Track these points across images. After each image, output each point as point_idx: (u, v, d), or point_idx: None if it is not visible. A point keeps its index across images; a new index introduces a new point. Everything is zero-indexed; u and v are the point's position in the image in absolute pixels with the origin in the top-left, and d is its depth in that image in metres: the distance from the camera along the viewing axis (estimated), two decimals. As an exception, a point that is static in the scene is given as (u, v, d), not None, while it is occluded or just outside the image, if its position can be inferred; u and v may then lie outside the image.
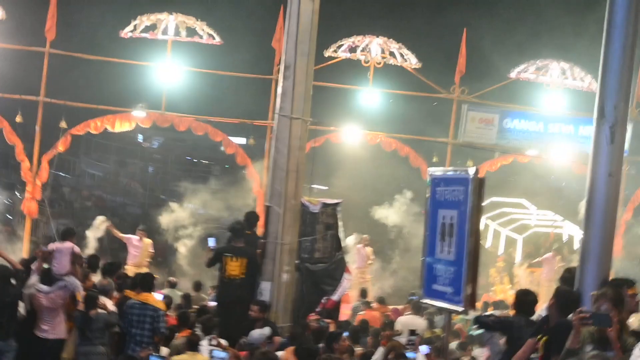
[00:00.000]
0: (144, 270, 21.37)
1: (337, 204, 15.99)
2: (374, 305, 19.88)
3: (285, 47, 14.91)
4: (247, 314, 13.81)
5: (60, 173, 32.49)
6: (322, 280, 15.74)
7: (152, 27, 24.97)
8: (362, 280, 24.42)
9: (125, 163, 53.13)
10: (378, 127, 27.02)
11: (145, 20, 25.00)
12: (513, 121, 27.02)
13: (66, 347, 13.44)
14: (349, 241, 23.46)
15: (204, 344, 12.36)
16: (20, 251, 23.49)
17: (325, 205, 15.72)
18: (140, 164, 53.43)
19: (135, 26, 24.92)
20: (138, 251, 22.91)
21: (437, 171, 10.45)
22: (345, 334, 13.39)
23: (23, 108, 24.15)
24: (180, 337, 12.99)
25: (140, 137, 53.58)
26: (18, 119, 24.03)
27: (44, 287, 13.26)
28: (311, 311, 14.93)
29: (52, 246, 15.15)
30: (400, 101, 28.72)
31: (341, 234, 16.07)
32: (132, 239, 23.02)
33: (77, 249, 15.44)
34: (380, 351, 12.54)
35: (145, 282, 13.83)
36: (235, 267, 14.87)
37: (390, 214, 26.64)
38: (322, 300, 15.43)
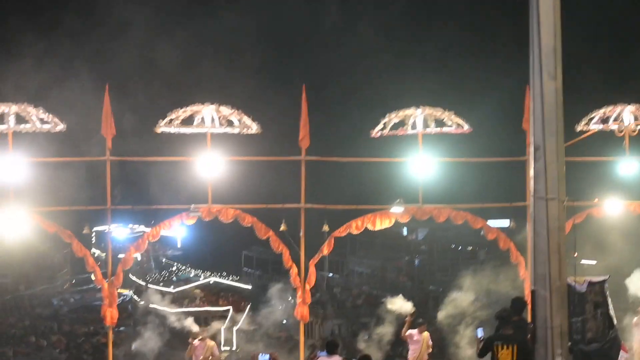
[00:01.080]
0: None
1: (604, 281, 15.61)
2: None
3: (532, 129, 14.79)
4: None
5: (329, 274, 33.29)
6: (599, 361, 15.34)
7: (400, 124, 25.33)
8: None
9: (391, 258, 53.83)
10: (640, 197, 26.24)
11: (394, 118, 25.40)
12: None
13: None
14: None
15: None
16: (298, 358, 24.20)
17: (591, 283, 15.37)
18: (407, 256, 53.99)
19: (384, 124, 25.37)
20: (417, 345, 23.13)
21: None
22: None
23: (286, 217, 25.05)
24: None
25: (404, 231, 54.29)
26: (282, 227, 24.92)
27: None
28: (591, 393, 14.52)
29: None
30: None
31: (612, 311, 15.63)
32: (413, 334, 23.28)
33: None
34: None
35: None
36: (506, 355, 14.70)
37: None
38: (601, 382, 15.04)
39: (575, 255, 16.14)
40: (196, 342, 24.07)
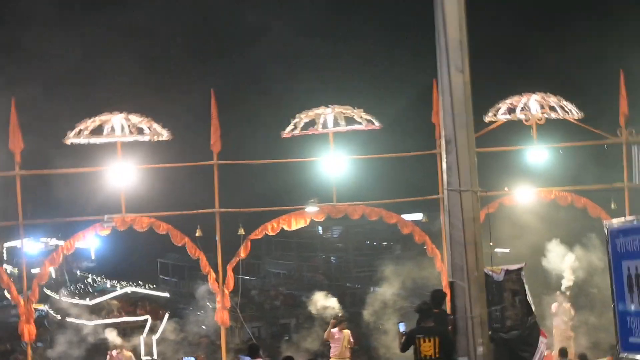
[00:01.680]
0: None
1: (520, 268, 15.81)
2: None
3: (442, 122, 14.91)
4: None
5: (246, 277, 33.22)
6: (519, 347, 15.53)
7: (311, 123, 25.38)
8: (562, 338, 24.04)
9: (306, 257, 53.86)
10: (549, 183, 26.69)
11: (304, 118, 25.44)
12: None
13: None
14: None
15: None
16: (220, 361, 24.12)
17: (508, 272, 15.57)
18: (322, 255, 54.08)
19: (295, 125, 25.41)
20: (339, 343, 23.20)
21: (614, 223, 10.27)
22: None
23: (201, 222, 24.94)
24: None
25: (319, 229, 54.38)
26: (198, 233, 24.79)
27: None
28: (513, 380, 14.74)
29: None
30: (567, 153, 28.29)
31: (529, 298, 15.86)
32: (334, 333, 23.33)
33: None
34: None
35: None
36: (428, 347, 14.82)
37: (577, 267, 26.14)
38: (522, 367, 15.26)
39: (491, 244, 16.34)
40: (114, 353, 23.75)
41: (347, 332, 23.53)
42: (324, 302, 26.17)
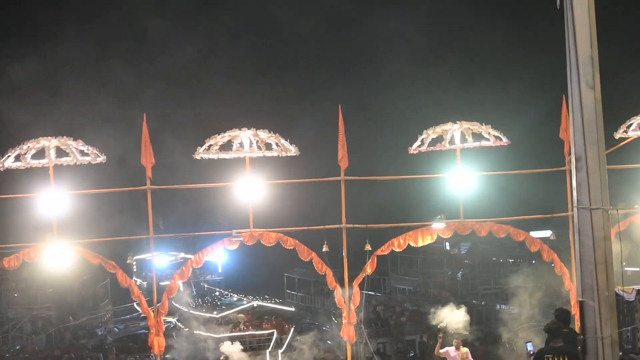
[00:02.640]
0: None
1: (652, 288, 15.48)
2: None
3: (573, 140, 14.69)
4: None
5: (371, 292, 33.23)
6: (650, 369, 15.19)
7: (438, 139, 25.29)
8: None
9: (432, 273, 53.65)
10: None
11: (431, 134, 25.35)
12: None
13: None
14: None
15: None
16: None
17: (639, 292, 15.24)
18: (448, 271, 53.80)
19: (422, 140, 25.34)
20: (456, 361, 23.01)
21: None
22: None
23: (328, 238, 25.06)
24: None
25: (447, 245, 54.15)
26: (325, 248, 24.91)
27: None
28: (643, 403, 14.41)
29: None
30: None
31: (662, 319, 15.50)
32: (449, 351, 23.14)
33: None
34: None
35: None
36: (557, 367, 14.61)
37: None
38: (654, 390, 14.89)
39: (623, 264, 16.03)
40: None
41: (464, 350, 23.27)
42: (451, 316, 25.89)
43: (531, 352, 15.13)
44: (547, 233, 27.93)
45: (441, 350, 23.42)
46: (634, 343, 15.11)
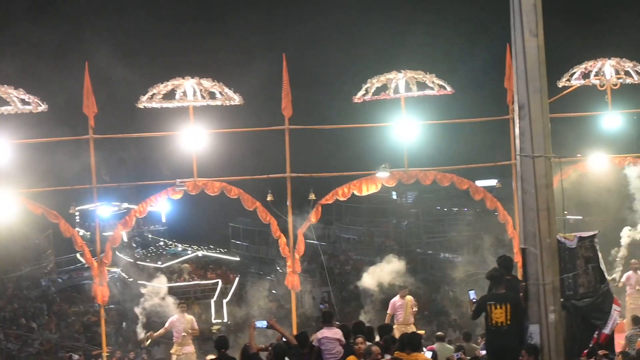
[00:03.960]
0: (411, 328, 21.62)
1: (593, 235, 15.56)
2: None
3: (516, 87, 14.72)
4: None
5: (315, 242, 33.28)
6: (591, 315, 15.32)
7: (383, 88, 25.21)
8: (635, 307, 23.72)
9: (378, 222, 53.79)
10: (625, 150, 26.28)
11: (375, 83, 25.27)
12: None
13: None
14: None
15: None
16: (290, 326, 24.23)
17: (581, 239, 15.33)
18: (394, 220, 53.99)
19: (366, 89, 25.25)
20: (402, 310, 23.12)
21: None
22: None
23: (272, 187, 25.00)
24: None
25: (394, 194, 54.33)
26: (269, 197, 24.85)
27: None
28: (585, 348, 14.61)
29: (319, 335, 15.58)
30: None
31: (602, 265, 15.62)
32: (395, 301, 23.27)
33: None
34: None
35: (412, 342, 13.98)
36: (500, 314, 14.70)
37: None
38: (595, 336, 15.07)
39: (565, 213, 16.13)
40: (175, 316, 23.61)
41: (409, 298, 23.39)
42: (390, 268, 26.01)
43: (474, 300, 15.21)
44: (492, 182, 28.12)
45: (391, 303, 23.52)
46: (575, 289, 15.21)
